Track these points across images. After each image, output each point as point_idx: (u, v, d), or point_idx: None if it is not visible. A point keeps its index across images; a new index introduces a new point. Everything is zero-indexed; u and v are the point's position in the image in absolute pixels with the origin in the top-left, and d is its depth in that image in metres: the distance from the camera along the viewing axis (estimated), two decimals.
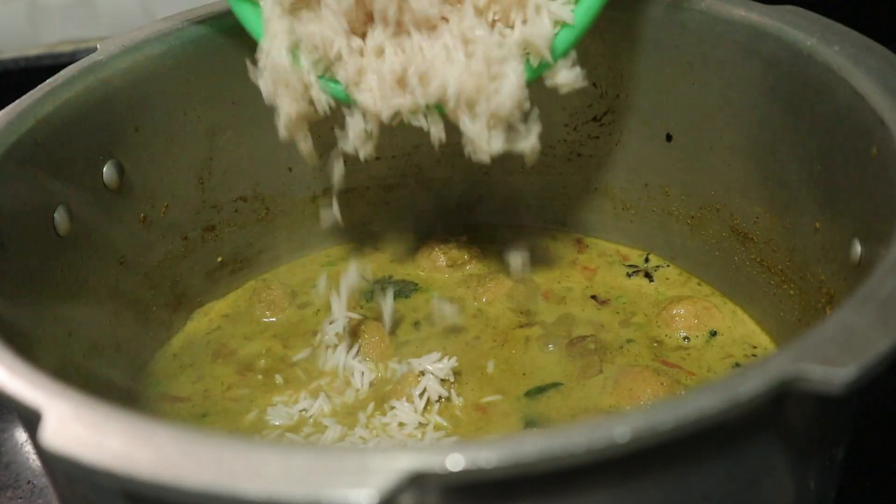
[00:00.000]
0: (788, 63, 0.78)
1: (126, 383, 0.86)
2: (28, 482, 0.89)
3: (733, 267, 0.91)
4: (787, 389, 0.50)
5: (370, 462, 0.47)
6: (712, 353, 0.85)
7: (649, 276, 0.94)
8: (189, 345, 0.91)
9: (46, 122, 0.77)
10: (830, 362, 0.50)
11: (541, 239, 1.00)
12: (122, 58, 0.84)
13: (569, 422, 0.79)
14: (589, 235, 1.01)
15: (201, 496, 0.47)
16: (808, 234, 0.80)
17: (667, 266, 0.95)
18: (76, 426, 0.51)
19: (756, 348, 0.86)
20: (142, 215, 0.87)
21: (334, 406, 0.81)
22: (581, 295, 0.92)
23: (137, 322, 0.88)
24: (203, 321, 0.93)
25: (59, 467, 0.61)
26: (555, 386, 0.82)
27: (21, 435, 0.93)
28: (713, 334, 0.87)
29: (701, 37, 0.85)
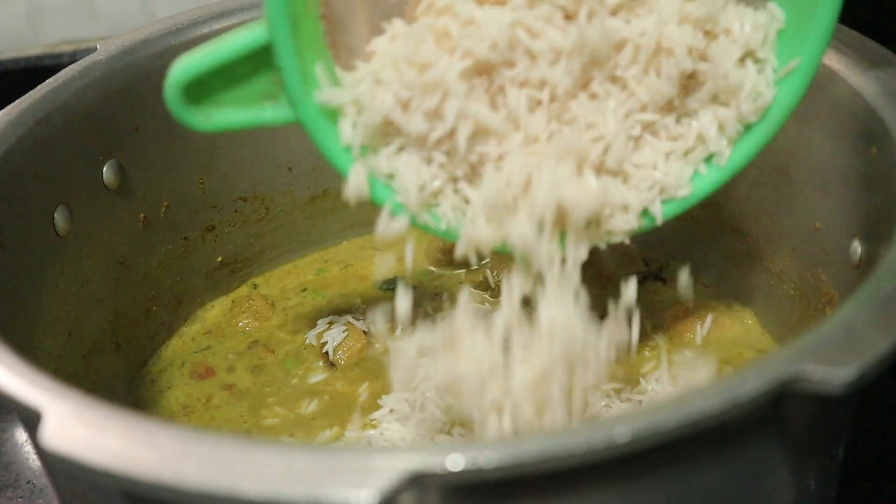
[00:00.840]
0: None
1: (126, 383, 0.86)
2: (28, 482, 0.89)
3: (733, 267, 0.91)
4: (787, 389, 0.50)
5: (370, 462, 0.47)
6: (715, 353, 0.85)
7: (662, 279, 0.94)
8: (189, 344, 0.91)
9: (46, 122, 0.77)
10: (830, 362, 0.50)
11: None
12: (122, 58, 0.84)
13: None
14: None
15: (201, 496, 0.47)
16: (808, 234, 0.80)
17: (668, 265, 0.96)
18: (76, 426, 0.51)
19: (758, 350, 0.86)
20: (142, 215, 0.87)
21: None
22: None
23: (137, 322, 0.88)
24: (203, 321, 0.93)
25: (59, 467, 0.61)
26: None
27: (21, 435, 0.93)
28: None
29: None
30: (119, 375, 0.86)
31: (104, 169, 0.83)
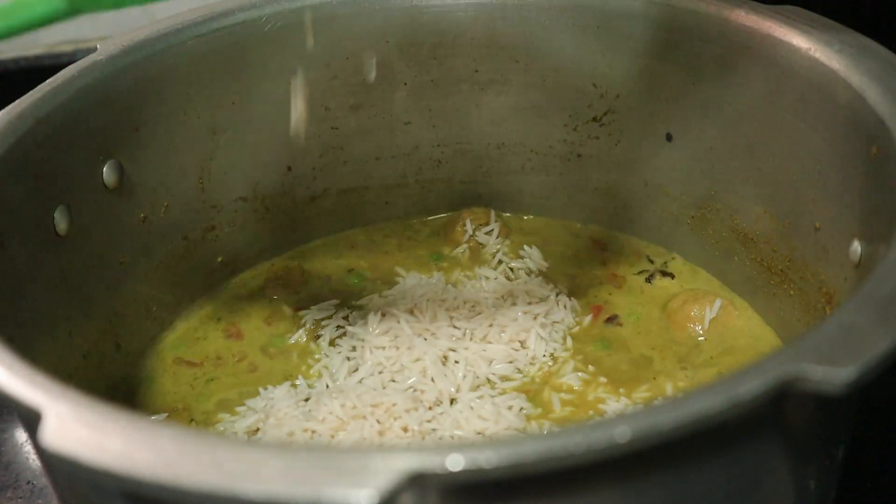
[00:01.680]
0: (788, 63, 0.78)
1: (126, 383, 0.86)
2: (28, 482, 0.89)
3: (733, 267, 0.91)
4: (787, 389, 0.50)
5: (370, 462, 0.47)
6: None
7: (670, 275, 0.94)
8: (189, 344, 0.91)
9: (46, 122, 0.77)
10: (830, 362, 0.50)
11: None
12: (122, 58, 0.84)
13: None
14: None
15: (201, 496, 0.47)
16: (808, 234, 0.80)
17: (672, 260, 0.96)
18: (76, 426, 0.51)
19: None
20: (142, 215, 0.87)
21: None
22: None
23: (137, 322, 0.88)
24: (203, 320, 0.93)
25: (59, 467, 0.61)
26: None
27: (21, 435, 0.93)
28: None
29: (701, 37, 0.85)
30: (119, 375, 0.86)
31: (104, 169, 0.83)
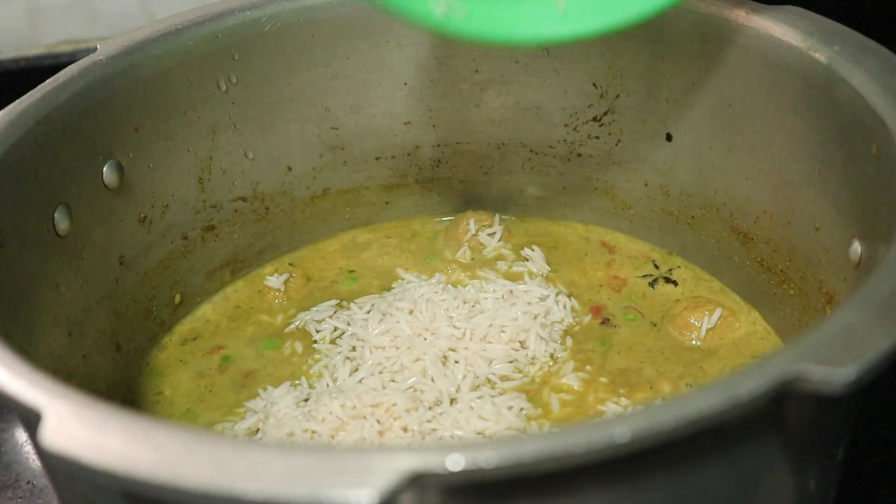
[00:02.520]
0: (788, 63, 0.78)
1: (126, 383, 0.86)
2: (28, 482, 0.89)
3: (733, 267, 0.91)
4: (787, 389, 0.50)
5: (370, 462, 0.47)
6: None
7: (673, 282, 0.94)
8: (189, 344, 0.91)
9: (46, 122, 0.77)
10: (830, 362, 0.50)
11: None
12: (122, 58, 0.84)
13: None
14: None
15: (201, 496, 0.47)
16: (808, 234, 0.80)
17: (677, 268, 0.96)
18: (76, 426, 0.51)
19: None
20: (142, 215, 0.87)
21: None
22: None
23: (137, 322, 0.88)
24: (203, 320, 0.93)
25: (59, 467, 0.61)
26: None
27: (21, 435, 0.93)
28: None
29: (701, 37, 0.85)
30: (119, 375, 0.86)
31: (104, 169, 0.83)
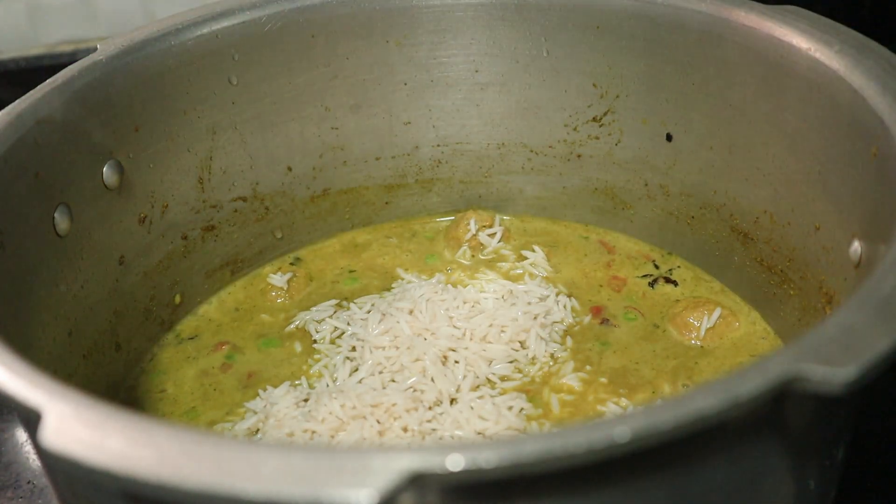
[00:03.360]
0: (788, 63, 0.78)
1: (126, 383, 0.86)
2: (28, 482, 0.89)
3: (733, 267, 0.91)
4: (787, 389, 0.50)
5: (370, 462, 0.47)
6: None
7: (674, 282, 0.94)
8: (192, 342, 0.91)
9: (46, 122, 0.77)
10: (830, 362, 0.50)
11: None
12: (122, 58, 0.84)
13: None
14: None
15: (201, 496, 0.47)
16: (808, 234, 0.80)
17: (677, 268, 0.96)
18: (76, 426, 0.51)
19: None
20: (142, 215, 0.87)
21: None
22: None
23: (137, 322, 0.88)
24: (203, 320, 0.93)
25: (59, 467, 0.61)
26: None
27: (21, 435, 0.93)
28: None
29: (701, 37, 0.85)
30: (119, 375, 0.86)
31: (104, 169, 0.83)
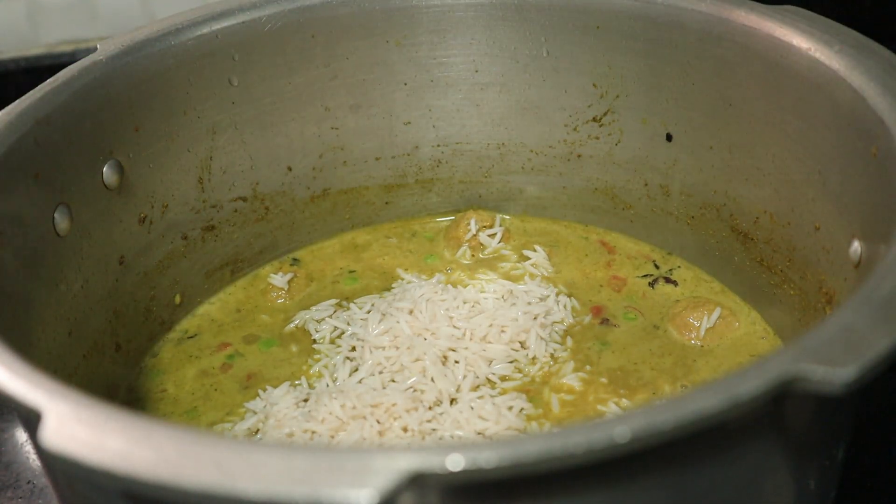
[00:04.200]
0: (788, 63, 0.78)
1: (126, 383, 0.86)
2: (28, 482, 0.89)
3: (733, 267, 0.91)
4: (787, 389, 0.50)
5: (370, 462, 0.47)
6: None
7: (674, 282, 0.94)
8: (191, 342, 0.91)
9: (46, 122, 0.77)
10: (830, 362, 0.50)
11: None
12: (122, 58, 0.84)
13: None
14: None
15: (201, 496, 0.47)
16: (808, 234, 0.80)
17: (677, 268, 0.96)
18: (76, 426, 0.51)
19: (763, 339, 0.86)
20: (142, 215, 0.87)
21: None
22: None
23: (137, 322, 0.88)
24: (203, 320, 0.93)
25: (59, 467, 0.61)
26: None
27: (21, 435, 0.93)
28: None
29: (701, 37, 0.85)
30: (119, 375, 0.86)
31: (104, 169, 0.83)
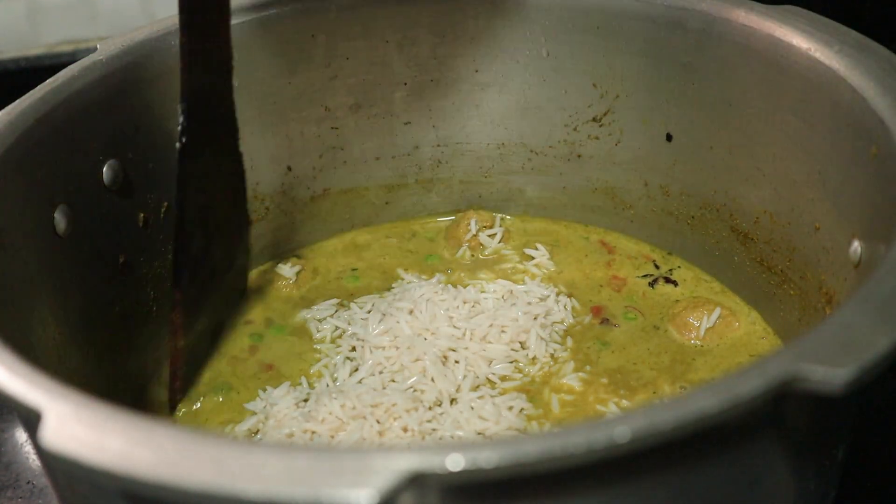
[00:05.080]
0: (788, 63, 0.78)
1: (126, 383, 0.86)
2: (28, 482, 0.89)
3: (733, 267, 0.91)
4: (787, 389, 0.50)
5: (370, 462, 0.47)
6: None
7: (674, 282, 0.94)
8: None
9: (46, 122, 0.77)
10: (830, 362, 0.50)
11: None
12: (122, 58, 0.84)
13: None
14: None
15: (201, 496, 0.47)
16: (808, 234, 0.80)
17: (678, 268, 0.96)
18: (76, 426, 0.51)
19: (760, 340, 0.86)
20: (142, 215, 0.87)
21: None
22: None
23: (138, 322, 0.88)
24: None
25: (59, 467, 0.61)
26: None
27: (21, 435, 0.93)
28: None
29: (701, 37, 0.85)
30: (119, 375, 0.86)
31: (104, 169, 0.83)
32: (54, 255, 0.78)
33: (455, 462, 0.47)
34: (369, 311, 0.89)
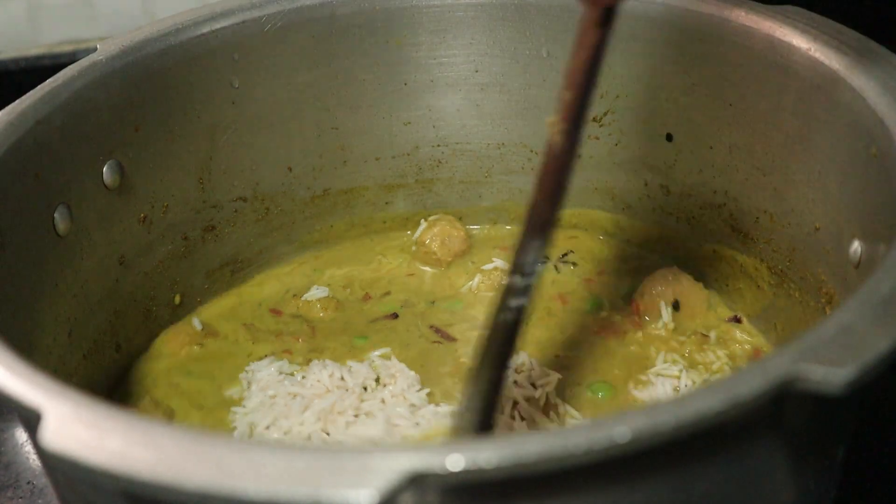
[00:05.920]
0: (788, 63, 0.78)
1: (126, 383, 0.86)
2: (28, 482, 0.89)
3: (734, 267, 0.91)
4: (787, 389, 0.50)
5: (370, 462, 0.47)
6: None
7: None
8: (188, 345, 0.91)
9: (46, 122, 0.77)
10: (830, 362, 0.50)
11: None
12: (122, 58, 0.84)
13: None
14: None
15: (201, 496, 0.47)
16: (808, 234, 0.80)
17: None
18: (76, 426, 0.51)
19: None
20: (142, 215, 0.87)
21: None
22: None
23: (137, 322, 0.88)
24: (203, 320, 0.93)
25: (59, 467, 0.61)
26: None
27: (21, 435, 0.93)
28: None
29: (701, 37, 0.85)
30: (119, 375, 0.86)
31: (104, 169, 0.83)
32: (54, 255, 0.78)
33: (455, 462, 0.47)
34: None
